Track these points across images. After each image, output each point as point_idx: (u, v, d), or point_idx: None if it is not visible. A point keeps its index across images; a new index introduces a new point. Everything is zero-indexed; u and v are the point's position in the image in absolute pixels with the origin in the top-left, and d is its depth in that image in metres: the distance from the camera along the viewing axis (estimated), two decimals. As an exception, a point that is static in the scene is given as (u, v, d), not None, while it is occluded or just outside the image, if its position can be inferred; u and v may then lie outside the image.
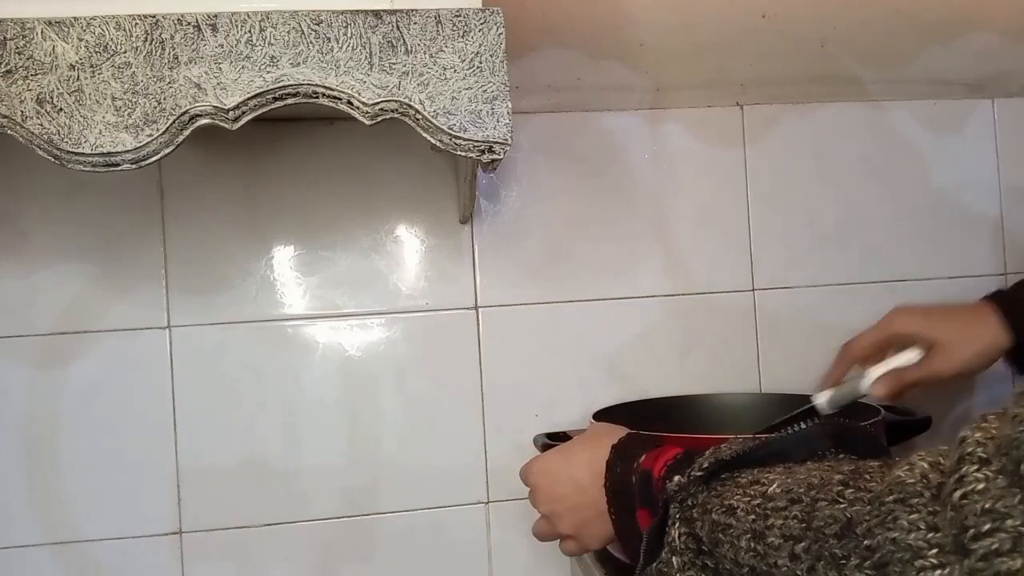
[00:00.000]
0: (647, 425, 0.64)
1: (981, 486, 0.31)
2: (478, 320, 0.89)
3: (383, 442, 0.87)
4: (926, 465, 0.34)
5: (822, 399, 0.72)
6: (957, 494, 0.31)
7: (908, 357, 0.73)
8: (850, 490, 0.38)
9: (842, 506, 0.37)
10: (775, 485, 0.42)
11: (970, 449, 0.32)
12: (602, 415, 0.80)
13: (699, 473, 0.47)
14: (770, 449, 0.47)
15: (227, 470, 0.84)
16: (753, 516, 0.42)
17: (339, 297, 0.87)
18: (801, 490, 0.40)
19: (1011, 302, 0.75)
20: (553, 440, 0.77)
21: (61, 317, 0.82)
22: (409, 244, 0.89)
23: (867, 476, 0.38)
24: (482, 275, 0.90)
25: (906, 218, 0.97)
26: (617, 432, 0.60)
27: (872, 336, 0.78)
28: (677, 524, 0.47)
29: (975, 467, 0.31)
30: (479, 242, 0.90)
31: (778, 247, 0.95)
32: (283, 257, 0.87)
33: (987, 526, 0.30)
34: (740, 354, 0.94)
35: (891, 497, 0.34)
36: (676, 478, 0.48)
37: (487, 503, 0.89)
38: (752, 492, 0.43)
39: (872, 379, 0.72)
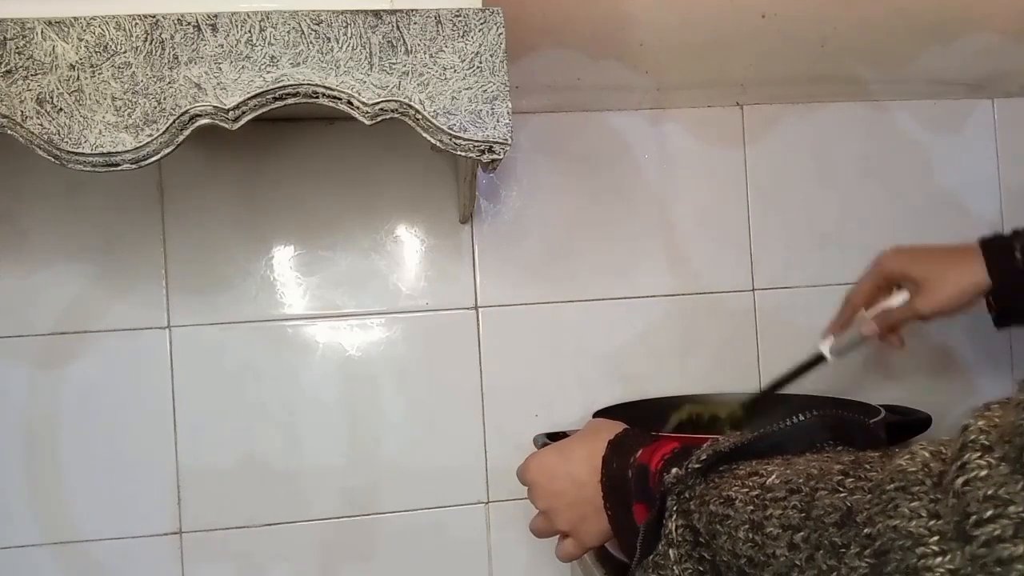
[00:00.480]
0: (647, 425, 0.64)
1: (984, 473, 0.31)
2: (478, 320, 0.89)
3: (383, 442, 0.87)
4: (927, 454, 0.34)
5: (825, 347, 0.78)
6: (959, 481, 0.31)
7: (899, 299, 0.77)
8: (850, 479, 0.38)
9: (842, 495, 0.37)
10: (774, 476, 0.42)
11: (973, 436, 0.32)
12: (602, 415, 0.80)
13: (697, 465, 0.47)
14: (768, 442, 0.47)
15: (227, 470, 0.84)
16: (752, 507, 0.42)
17: (339, 297, 0.87)
18: (800, 480, 0.40)
19: (994, 248, 0.75)
20: (553, 440, 0.76)
21: (61, 317, 0.82)
22: (409, 244, 0.89)
23: (867, 466, 0.38)
24: (482, 275, 0.90)
25: (906, 218, 0.97)
26: (614, 428, 0.60)
27: (868, 281, 0.80)
28: (674, 516, 0.47)
29: (978, 454, 0.31)
30: (479, 242, 0.90)
31: (778, 247, 0.95)
32: (283, 257, 0.87)
33: (989, 512, 0.30)
34: (740, 354, 0.94)
35: (892, 485, 0.34)
36: (674, 470, 0.48)
37: (487, 503, 0.89)
38: (751, 483, 0.43)
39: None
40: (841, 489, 0.37)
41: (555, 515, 0.60)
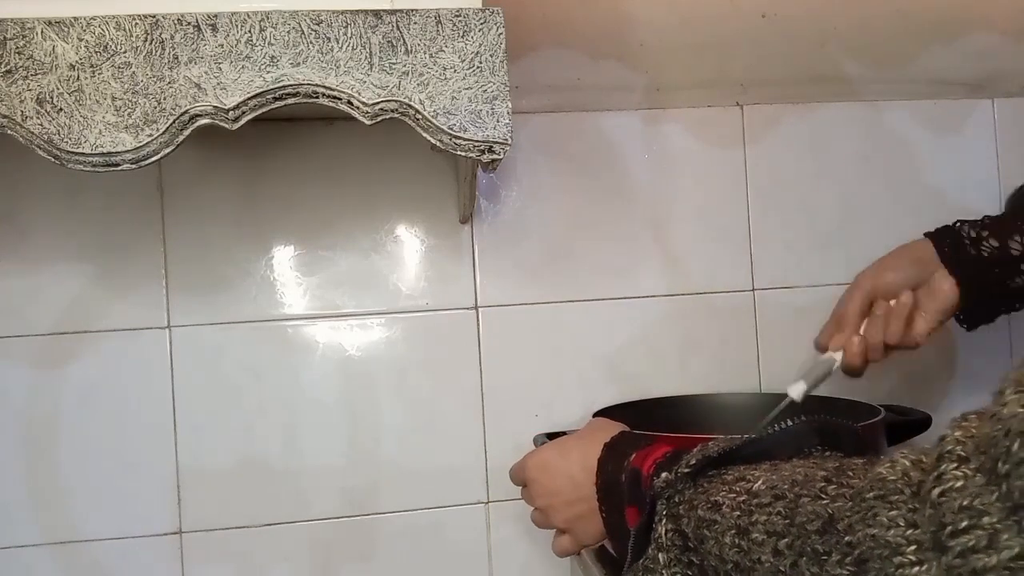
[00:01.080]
0: (647, 425, 0.64)
1: (959, 484, 0.31)
2: (478, 320, 0.89)
3: (383, 442, 0.87)
4: (908, 463, 0.35)
5: (796, 391, 0.71)
6: (936, 491, 0.31)
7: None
8: (833, 486, 0.38)
9: (824, 502, 0.37)
10: (760, 482, 0.43)
11: (950, 447, 0.32)
12: (602, 415, 0.79)
13: (686, 470, 0.47)
14: (757, 447, 0.47)
15: (227, 470, 0.84)
16: (738, 512, 0.42)
17: (339, 297, 0.87)
18: (785, 486, 0.41)
19: (964, 264, 0.73)
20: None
21: (61, 317, 0.82)
22: (409, 244, 0.89)
23: (850, 473, 0.39)
24: (482, 275, 0.90)
25: (906, 218, 0.97)
26: (611, 429, 0.60)
27: (855, 305, 0.76)
28: (664, 521, 0.47)
29: (954, 465, 0.32)
30: (479, 242, 0.90)
31: (778, 247, 0.95)
32: (283, 257, 0.86)
33: (964, 523, 0.30)
34: (740, 354, 0.94)
35: (872, 494, 0.34)
36: (663, 475, 0.48)
37: (487, 503, 0.89)
38: (738, 489, 0.43)
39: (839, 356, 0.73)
40: (824, 496, 0.38)
41: (552, 512, 0.61)
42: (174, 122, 0.52)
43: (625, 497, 0.54)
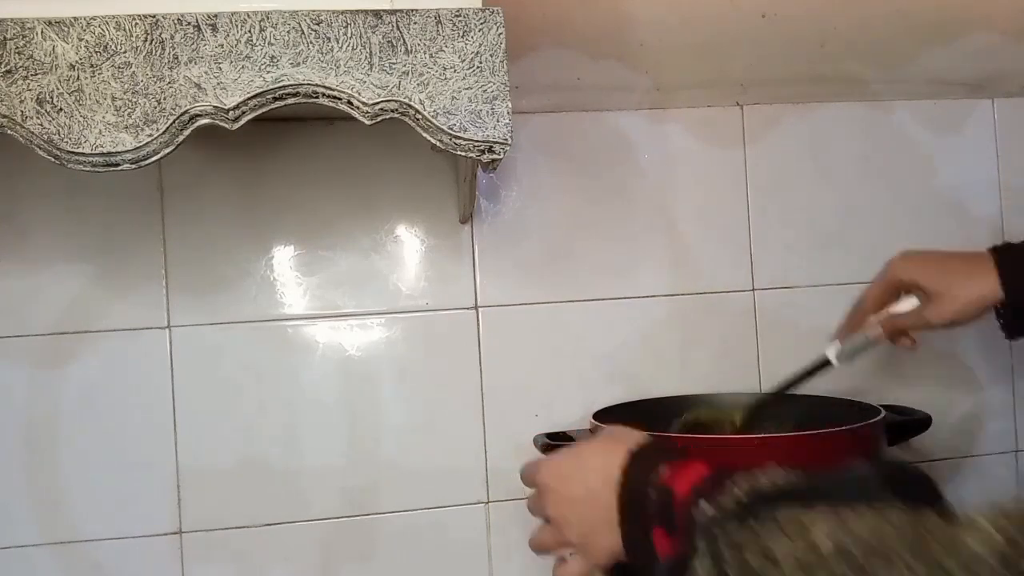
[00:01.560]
0: (647, 425, 0.63)
1: None
2: (478, 320, 0.89)
3: (383, 442, 0.87)
4: (998, 537, 0.33)
5: (832, 352, 0.78)
6: None
7: (907, 305, 0.76)
8: (909, 555, 0.36)
9: (901, 569, 0.35)
10: (824, 535, 0.39)
11: None
12: (602, 415, 0.79)
13: (734, 506, 0.44)
14: (815, 486, 0.44)
15: (227, 470, 0.84)
16: (801, 573, 0.39)
17: (339, 297, 0.87)
18: (856, 550, 0.38)
19: (1010, 260, 0.72)
20: (553, 440, 0.76)
21: (61, 317, 0.82)
22: (409, 244, 0.89)
23: (928, 537, 0.36)
24: (482, 275, 0.90)
25: (906, 218, 0.97)
26: (634, 436, 0.57)
27: (878, 287, 0.78)
28: (703, 558, 0.44)
29: None
30: (479, 242, 0.90)
31: (778, 247, 0.95)
32: (283, 257, 0.86)
33: None
34: (740, 354, 0.94)
35: (956, 566, 0.33)
36: (703, 504, 0.45)
37: (487, 503, 0.89)
38: (797, 541, 0.40)
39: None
40: (901, 564, 0.36)
41: (565, 525, 0.57)
42: (174, 122, 0.52)
43: (653, 516, 0.50)
